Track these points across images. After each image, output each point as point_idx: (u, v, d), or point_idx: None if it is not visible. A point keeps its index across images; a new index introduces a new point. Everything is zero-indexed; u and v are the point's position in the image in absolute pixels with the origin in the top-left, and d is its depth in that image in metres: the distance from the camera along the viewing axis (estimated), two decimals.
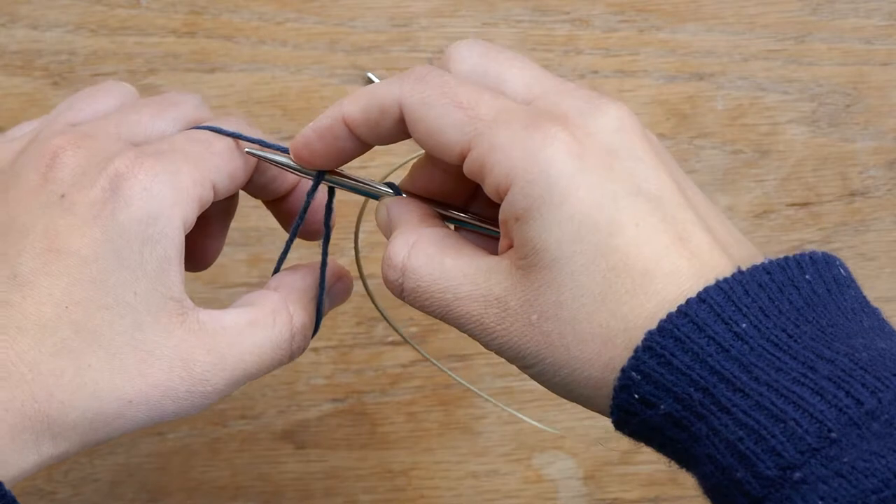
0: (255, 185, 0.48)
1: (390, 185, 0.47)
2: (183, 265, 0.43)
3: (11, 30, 0.64)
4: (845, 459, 0.34)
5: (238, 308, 0.45)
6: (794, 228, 0.65)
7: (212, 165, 0.45)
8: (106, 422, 0.41)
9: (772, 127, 0.65)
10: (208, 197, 0.44)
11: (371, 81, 0.46)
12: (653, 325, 0.38)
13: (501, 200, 0.41)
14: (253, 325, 0.44)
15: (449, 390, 0.62)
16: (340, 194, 0.49)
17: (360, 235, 0.61)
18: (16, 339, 0.40)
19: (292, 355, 0.46)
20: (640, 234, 0.39)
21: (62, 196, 0.42)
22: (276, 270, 0.49)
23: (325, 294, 0.48)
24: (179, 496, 0.61)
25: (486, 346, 0.42)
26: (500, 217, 0.41)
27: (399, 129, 0.43)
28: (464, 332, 0.42)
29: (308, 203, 0.47)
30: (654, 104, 0.64)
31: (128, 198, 0.42)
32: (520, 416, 0.51)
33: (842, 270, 0.40)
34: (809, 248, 0.65)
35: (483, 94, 0.42)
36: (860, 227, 0.65)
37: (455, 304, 0.42)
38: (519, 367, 0.42)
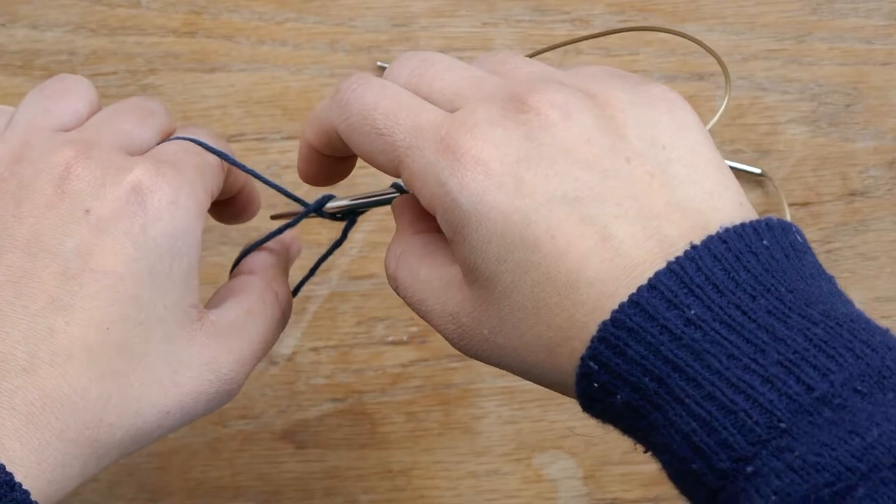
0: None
1: (395, 184, 0.47)
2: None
3: (11, 30, 0.64)
4: (797, 453, 0.34)
5: (231, 300, 0.46)
6: None
7: (210, 176, 0.45)
8: (146, 434, 0.42)
9: (772, 127, 0.65)
10: (209, 205, 0.45)
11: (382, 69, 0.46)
12: (585, 336, 0.38)
13: None
14: (250, 313, 0.46)
15: (449, 390, 0.62)
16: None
17: (360, 235, 0.61)
18: (65, 367, 0.40)
19: (284, 327, 0.48)
20: (556, 246, 0.38)
21: (87, 211, 0.41)
22: (241, 257, 0.50)
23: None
24: (179, 496, 0.61)
25: (463, 353, 0.43)
26: None
27: None
28: None
29: (302, 215, 0.49)
30: None
31: (157, 211, 0.42)
32: None
33: (798, 237, 0.39)
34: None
35: (399, 114, 0.41)
36: (860, 227, 0.64)
37: (428, 316, 0.43)
38: None
